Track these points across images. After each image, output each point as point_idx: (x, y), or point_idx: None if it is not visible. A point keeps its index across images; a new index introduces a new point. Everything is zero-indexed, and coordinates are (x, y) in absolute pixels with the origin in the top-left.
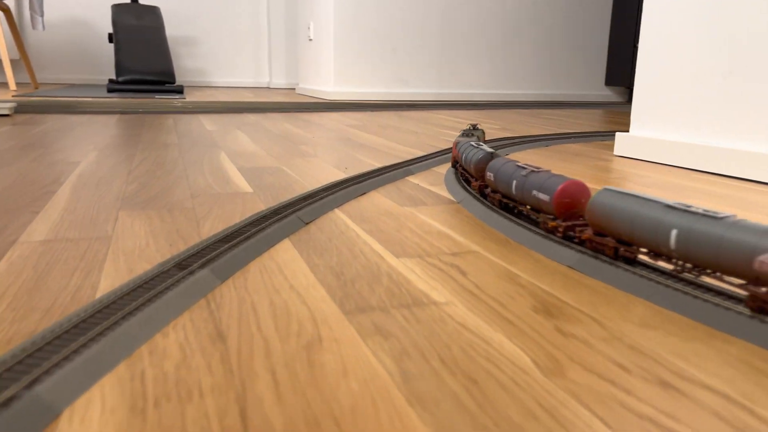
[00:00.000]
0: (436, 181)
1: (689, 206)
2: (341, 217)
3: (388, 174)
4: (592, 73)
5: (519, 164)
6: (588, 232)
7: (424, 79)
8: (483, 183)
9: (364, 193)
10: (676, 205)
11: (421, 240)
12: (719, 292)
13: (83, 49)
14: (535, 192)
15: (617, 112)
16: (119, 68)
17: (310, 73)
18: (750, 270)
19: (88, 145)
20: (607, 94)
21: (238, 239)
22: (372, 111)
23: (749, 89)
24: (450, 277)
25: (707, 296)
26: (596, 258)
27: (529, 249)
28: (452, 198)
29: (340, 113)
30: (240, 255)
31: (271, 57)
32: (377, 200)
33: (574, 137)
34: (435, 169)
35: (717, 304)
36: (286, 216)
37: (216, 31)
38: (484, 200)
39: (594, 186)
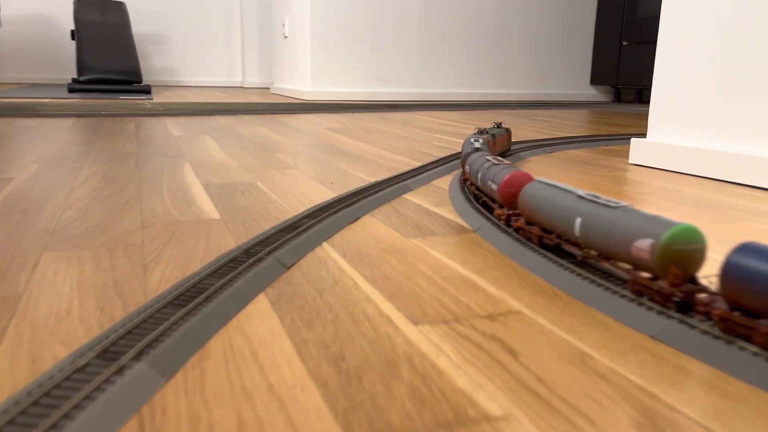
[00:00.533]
0: (441, 199)
1: (597, 197)
2: (332, 257)
3: (382, 191)
4: (577, 72)
5: (488, 157)
6: (521, 221)
7: (405, 79)
8: (465, 177)
9: (358, 219)
10: (586, 196)
11: (442, 293)
12: None
13: (44, 47)
14: (489, 182)
15: (605, 112)
16: (81, 67)
17: (285, 72)
18: (629, 255)
19: (29, 157)
20: (593, 93)
21: (195, 302)
22: (352, 112)
23: None
24: (495, 360)
25: None
26: (688, 325)
27: (587, 305)
28: (465, 224)
29: (318, 115)
30: (196, 330)
31: (244, 55)
32: (375, 228)
33: (576, 142)
34: (435, 183)
35: None
36: (261, 259)
37: (186, 28)
38: (508, 229)
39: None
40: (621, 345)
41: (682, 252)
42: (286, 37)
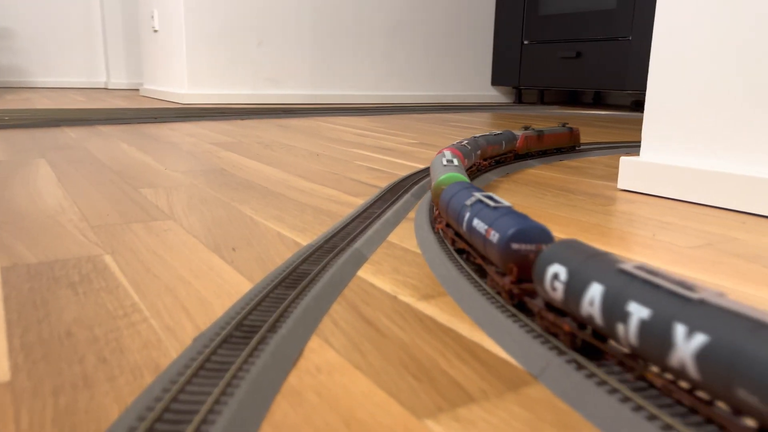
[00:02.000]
0: (422, 277)
1: (452, 162)
2: None
3: (325, 270)
4: (478, 73)
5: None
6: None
7: (297, 79)
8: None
9: (300, 354)
10: (445, 162)
11: None
12: None
13: None
14: None
15: (515, 115)
16: None
17: (157, 71)
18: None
19: None
20: (495, 94)
21: None
22: (242, 119)
23: None
24: None
25: None
26: None
27: None
28: (500, 351)
29: (199, 123)
30: None
31: (107, 51)
32: (342, 387)
33: (530, 157)
34: (393, 239)
35: None
36: None
37: (35, 20)
38: (610, 379)
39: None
40: None
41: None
42: (155, 30)
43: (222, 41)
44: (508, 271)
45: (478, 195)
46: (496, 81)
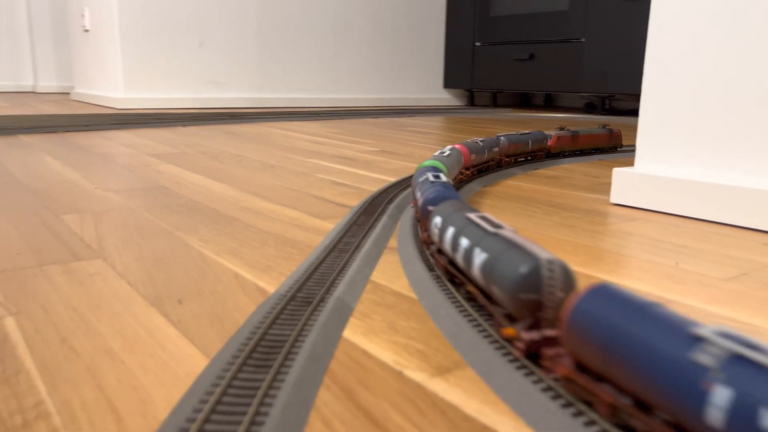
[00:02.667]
0: (429, 341)
1: (441, 152)
2: None
3: (302, 333)
4: (430, 75)
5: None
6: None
7: (243, 82)
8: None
9: None
10: (437, 156)
11: None
12: None
13: None
14: None
15: (469, 119)
16: None
17: (90, 74)
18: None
19: None
20: (447, 97)
21: None
22: (184, 125)
23: None
24: None
25: None
26: None
27: None
28: None
29: (136, 131)
30: None
31: (34, 51)
32: None
33: (562, 155)
34: (377, 278)
35: None
36: None
37: None
38: None
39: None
40: None
41: None
42: (86, 30)
43: (160, 41)
44: (424, 228)
45: (428, 174)
46: (448, 83)
